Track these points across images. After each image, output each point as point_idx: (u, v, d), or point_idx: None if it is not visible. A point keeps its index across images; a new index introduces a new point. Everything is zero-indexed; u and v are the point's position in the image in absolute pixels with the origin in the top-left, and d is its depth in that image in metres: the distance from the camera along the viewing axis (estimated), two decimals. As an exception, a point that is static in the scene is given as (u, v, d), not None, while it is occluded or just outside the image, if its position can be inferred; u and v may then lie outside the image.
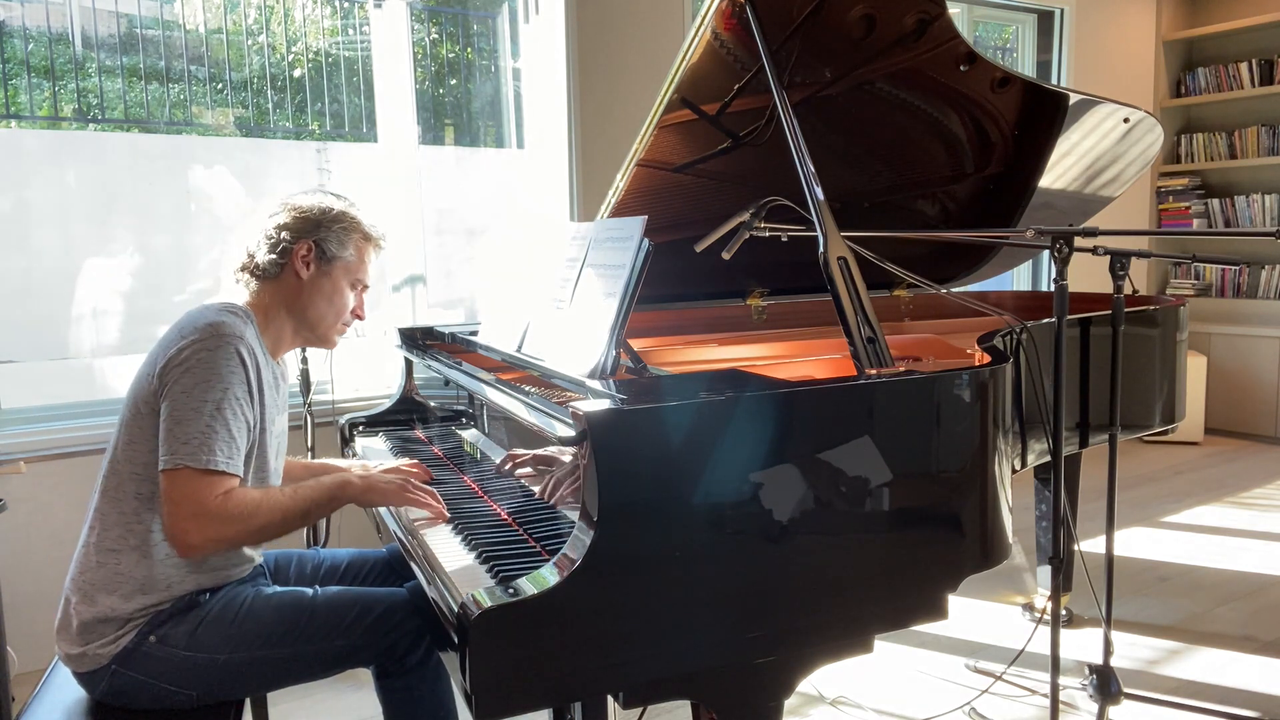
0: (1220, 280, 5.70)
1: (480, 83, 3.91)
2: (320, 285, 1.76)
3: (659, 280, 2.01)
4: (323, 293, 1.76)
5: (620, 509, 1.26)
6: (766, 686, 1.42)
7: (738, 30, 2.06)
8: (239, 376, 1.57)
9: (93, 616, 1.57)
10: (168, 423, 1.53)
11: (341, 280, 1.78)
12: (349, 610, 1.64)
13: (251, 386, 1.60)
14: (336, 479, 1.69)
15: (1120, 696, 2.35)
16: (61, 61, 3.12)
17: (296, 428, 3.01)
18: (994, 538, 1.57)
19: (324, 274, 1.76)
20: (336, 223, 1.76)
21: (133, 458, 1.59)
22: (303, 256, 1.73)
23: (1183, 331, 2.81)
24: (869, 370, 1.58)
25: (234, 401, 1.56)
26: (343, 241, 1.76)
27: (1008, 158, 2.83)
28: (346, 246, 1.77)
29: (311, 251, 1.74)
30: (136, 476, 1.59)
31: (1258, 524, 3.97)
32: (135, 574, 1.58)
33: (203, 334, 1.57)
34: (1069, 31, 5.15)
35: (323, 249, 1.74)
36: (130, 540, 1.58)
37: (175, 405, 1.53)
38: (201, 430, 1.51)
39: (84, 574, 1.59)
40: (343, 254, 1.77)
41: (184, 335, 1.58)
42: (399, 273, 3.63)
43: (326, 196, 1.80)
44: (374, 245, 1.84)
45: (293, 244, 1.72)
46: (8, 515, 2.51)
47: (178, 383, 1.54)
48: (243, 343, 1.60)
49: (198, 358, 1.55)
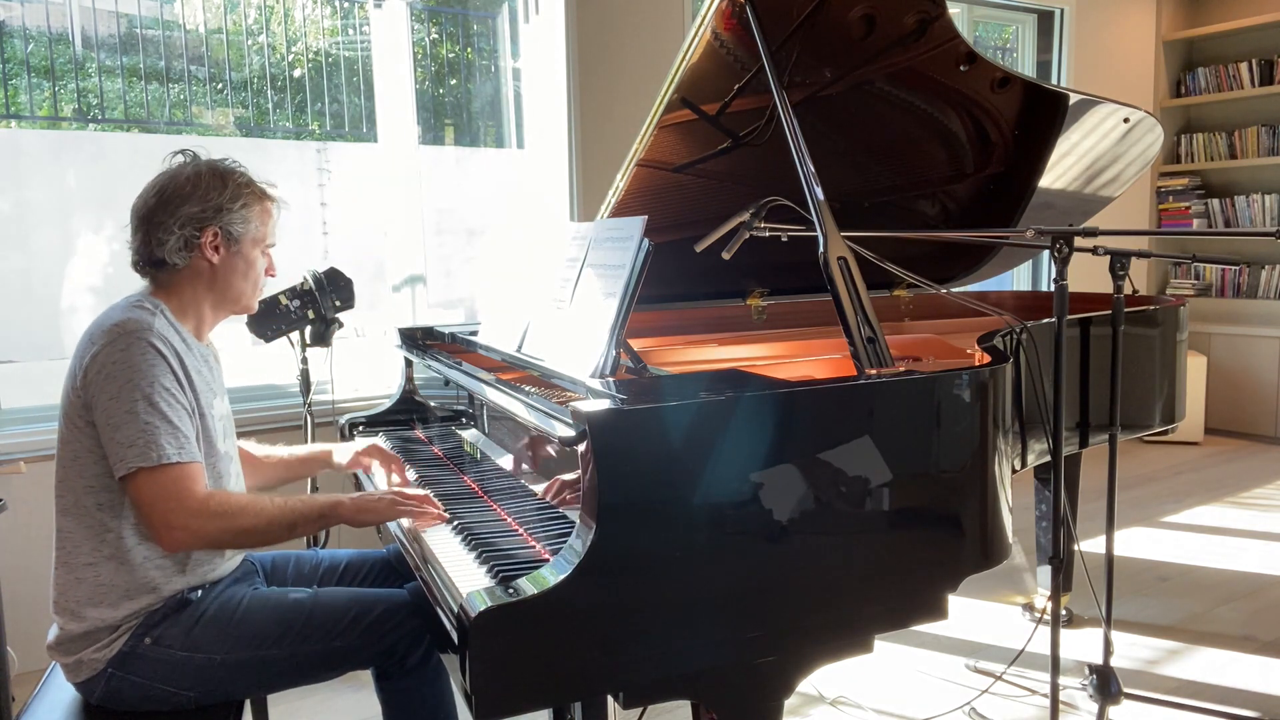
0: (1220, 280, 5.70)
1: (480, 83, 3.91)
2: (234, 265, 1.71)
3: (659, 280, 2.01)
4: (237, 271, 1.72)
5: (620, 509, 1.26)
6: (766, 686, 1.42)
7: (738, 30, 2.06)
8: (160, 367, 1.54)
9: (83, 630, 1.56)
10: (107, 431, 1.51)
11: (252, 252, 1.73)
12: (348, 610, 1.63)
13: (177, 374, 1.57)
14: (329, 499, 1.67)
15: (1120, 696, 2.35)
16: (61, 61, 3.12)
17: (296, 428, 3.02)
18: (994, 538, 1.57)
19: (235, 254, 1.70)
20: (235, 200, 1.68)
21: (82, 471, 1.57)
22: (210, 244, 1.66)
23: (1183, 331, 2.81)
24: (869, 370, 1.58)
25: (163, 392, 1.53)
26: (246, 218, 1.70)
27: (1008, 158, 2.83)
28: (250, 221, 1.71)
29: (219, 237, 1.67)
30: (91, 489, 1.56)
31: (1258, 524, 3.97)
32: (117, 582, 1.56)
33: (110, 336, 1.54)
34: (1069, 31, 5.15)
35: (229, 232, 1.68)
36: (104, 550, 1.57)
37: (108, 414, 1.51)
38: (141, 429, 1.49)
39: (66, 594, 1.58)
40: (248, 230, 1.71)
41: (94, 342, 1.55)
42: (399, 273, 3.63)
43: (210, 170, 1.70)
44: (274, 205, 1.78)
45: (198, 236, 1.65)
46: (8, 515, 2.51)
47: (102, 391, 1.51)
48: (153, 333, 1.56)
49: (113, 361, 1.52)
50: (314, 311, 2.68)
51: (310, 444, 2.16)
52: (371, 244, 3.64)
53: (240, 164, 1.76)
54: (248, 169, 1.77)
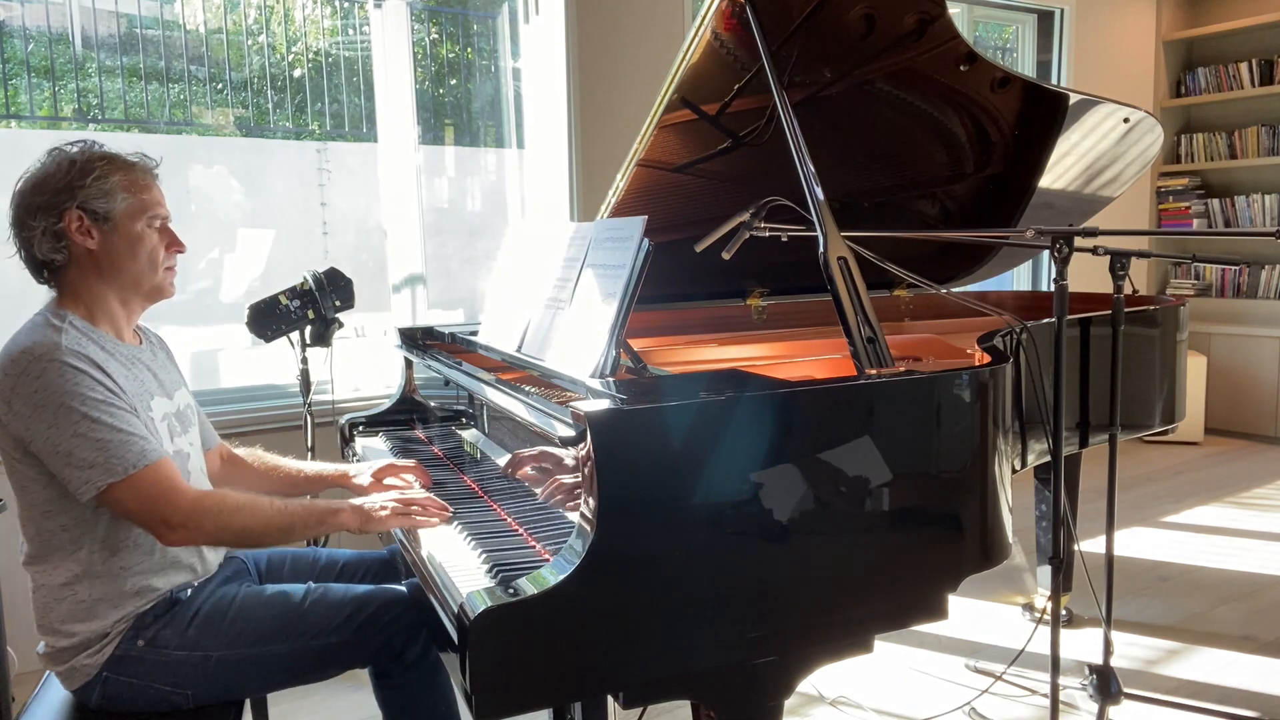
0: (1220, 280, 5.70)
1: (480, 83, 3.91)
2: (115, 245, 1.57)
3: (659, 280, 2.01)
4: (121, 251, 1.57)
5: (620, 509, 1.26)
6: (766, 686, 1.42)
7: (738, 30, 2.06)
8: (86, 381, 1.46)
9: (72, 644, 1.55)
10: (58, 460, 1.45)
11: (133, 227, 1.58)
12: (344, 606, 1.62)
13: (104, 384, 1.49)
14: (329, 504, 1.64)
15: (1120, 696, 2.35)
16: (61, 61, 3.12)
17: (296, 428, 3.02)
18: (994, 538, 1.57)
19: (110, 232, 1.56)
20: (85, 176, 1.54)
21: (33, 502, 1.53)
22: (77, 229, 1.54)
23: (1183, 331, 2.81)
24: (869, 370, 1.58)
25: (98, 404, 1.46)
26: (105, 191, 1.55)
27: (1008, 157, 2.83)
28: (113, 194, 1.56)
29: (84, 219, 1.54)
30: (49, 513, 1.53)
31: (1258, 524, 3.97)
32: (97, 595, 1.54)
33: (20, 366, 1.45)
34: (1069, 31, 5.15)
35: (92, 211, 1.54)
36: (76, 569, 1.54)
37: (53, 444, 1.44)
38: (96, 447, 1.44)
39: (49, 615, 1.56)
40: (115, 204, 1.56)
41: (6, 375, 1.46)
42: (399, 273, 3.63)
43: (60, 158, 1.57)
44: (142, 173, 1.62)
45: (58, 222, 1.53)
46: (8, 515, 2.51)
47: (36, 421, 1.44)
48: (61, 351, 1.47)
49: (33, 390, 1.44)
50: (314, 311, 2.69)
51: (323, 463, 2.07)
52: (371, 244, 3.64)
53: (101, 144, 1.61)
54: (107, 145, 1.61)
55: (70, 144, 1.59)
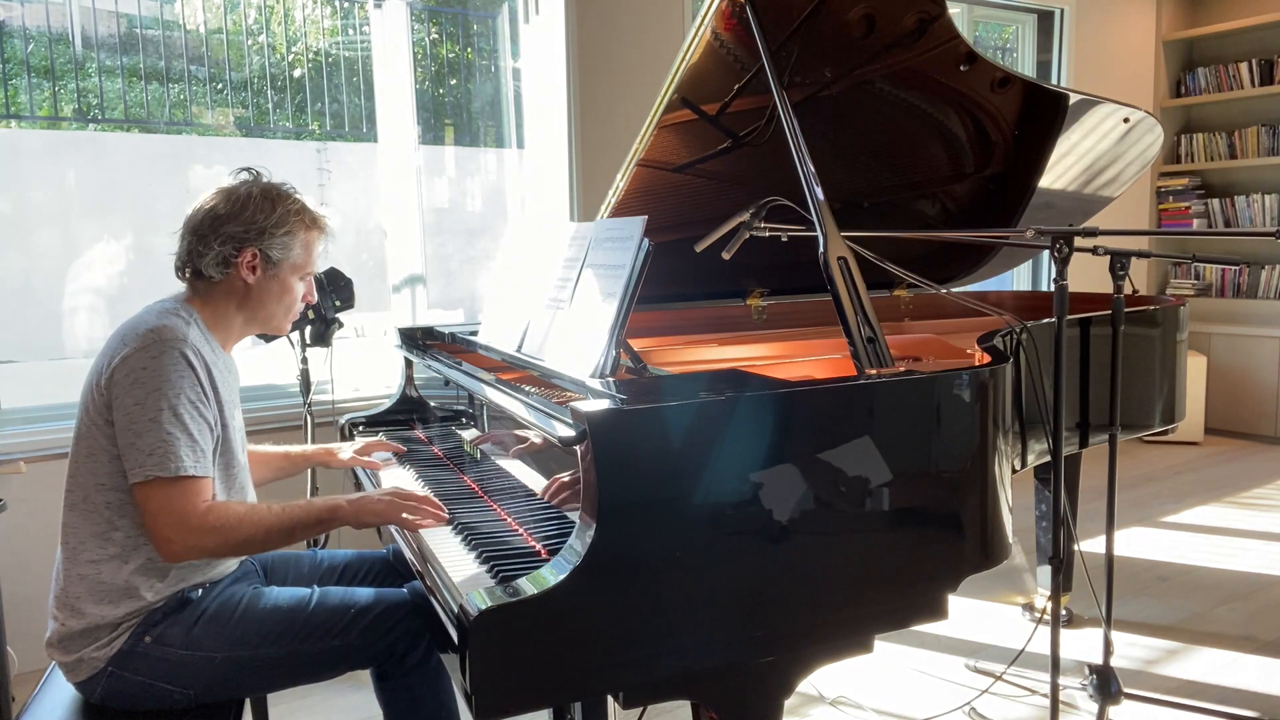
0: (1220, 280, 5.70)
1: (480, 83, 3.91)
2: (269, 288, 1.72)
3: (659, 280, 2.01)
4: (272, 294, 1.73)
5: (620, 509, 1.26)
6: (766, 686, 1.42)
7: (738, 30, 2.06)
8: (189, 380, 1.54)
9: (83, 627, 1.56)
10: (127, 436, 1.51)
11: (290, 279, 1.74)
12: (347, 609, 1.63)
13: (204, 387, 1.58)
14: (327, 502, 1.66)
15: (1120, 696, 2.35)
16: (61, 61, 3.12)
17: (296, 428, 3.02)
18: (994, 538, 1.57)
19: (271, 277, 1.71)
20: (279, 227, 1.69)
21: (95, 470, 1.57)
22: (248, 264, 1.68)
23: (1183, 331, 2.81)
24: (869, 370, 1.58)
25: (188, 405, 1.53)
26: (287, 245, 1.70)
27: (1008, 157, 2.83)
28: (291, 248, 1.71)
29: (257, 258, 1.68)
30: (102, 487, 1.57)
31: (1258, 524, 3.97)
32: (118, 581, 1.57)
33: (144, 341, 1.54)
34: (1069, 31, 5.15)
35: (268, 255, 1.69)
36: (108, 550, 1.57)
37: (131, 419, 1.50)
38: (163, 439, 1.49)
39: (67, 589, 1.58)
40: (288, 256, 1.71)
41: (125, 343, 1.55)
42: (399, 273, 3.63)
43: (263, 192, 1.71)
44: (319, 233, 1.78)
45: (236, 255, 1.66)
46: (8, 515, 2.51)
47: (128, 394, 1.51)
48: (187, 345, 1.56)
49: (143, 367, 1.52)
50: (314, 311, 2.69)
51: (306, 445, 2.20)
52: (371, 244, 3.64)
53: (297, 190, 1.77)
54: (304, 197, 1.77)
55: (273, 182, 1.73)
